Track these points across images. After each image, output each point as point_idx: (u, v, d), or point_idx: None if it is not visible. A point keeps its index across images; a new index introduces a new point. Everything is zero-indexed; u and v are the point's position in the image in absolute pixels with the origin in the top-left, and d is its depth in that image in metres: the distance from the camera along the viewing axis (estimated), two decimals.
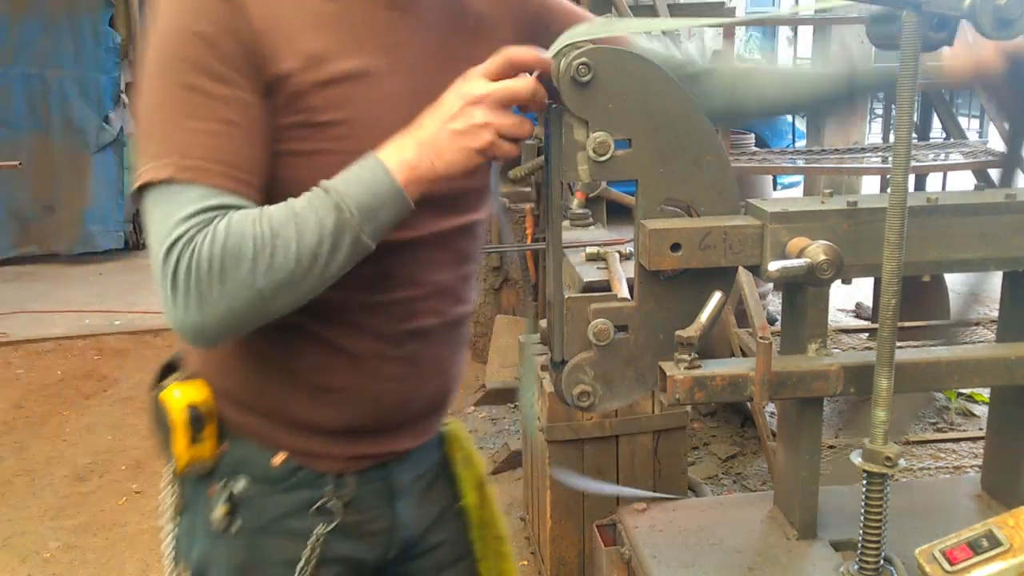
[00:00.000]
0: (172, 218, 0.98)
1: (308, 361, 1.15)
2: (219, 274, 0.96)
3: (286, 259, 0.97)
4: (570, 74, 0.98)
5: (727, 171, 1.08)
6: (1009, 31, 0.89)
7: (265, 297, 0.98)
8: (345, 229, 0.99)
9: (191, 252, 0.96)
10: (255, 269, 0.97)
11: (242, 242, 0.96)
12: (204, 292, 0.96)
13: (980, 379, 1.13)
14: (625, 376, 1.10)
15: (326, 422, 1.18)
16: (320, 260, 0.99)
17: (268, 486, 1.19)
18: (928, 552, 0.99)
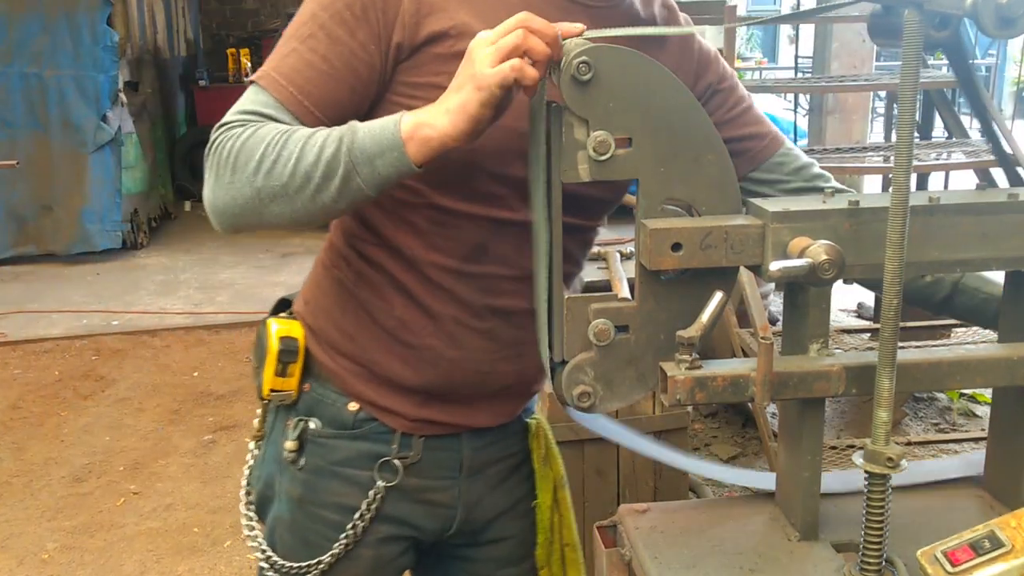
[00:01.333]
0: (235, 109, 1.12)
1: (394, 313, 1.22)
2: (232, 164, 1.07)
3: (283, 170, 1.05)
4: (570, 72, 0.97)
5: (728, 170, 1.07)
6: (1011, 30, 0.88)
7: (261, 198, 1.06)
8: (339, 164, 1.04)
9: (224, 139, 1.08)
10: (258, 170, 1.06)
11: (258, 144, 1.06)
12: (220, 175, 1.08)
13: (982, 380, 1.12)
14: (626, 376, 1.09)
15: (401, 377, 1.24)
16: (311, 184, 1.05)
17: (339, 431, 1.26)
18: (930, 553, 0.99)
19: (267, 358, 1.26)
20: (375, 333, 1.24)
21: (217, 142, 1.09)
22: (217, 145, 1.08)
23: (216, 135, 1.09)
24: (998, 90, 12.68)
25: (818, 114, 6.86)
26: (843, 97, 6.55)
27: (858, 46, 6.41)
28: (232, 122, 1.10)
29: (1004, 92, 13.41)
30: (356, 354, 1.25)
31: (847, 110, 6.69)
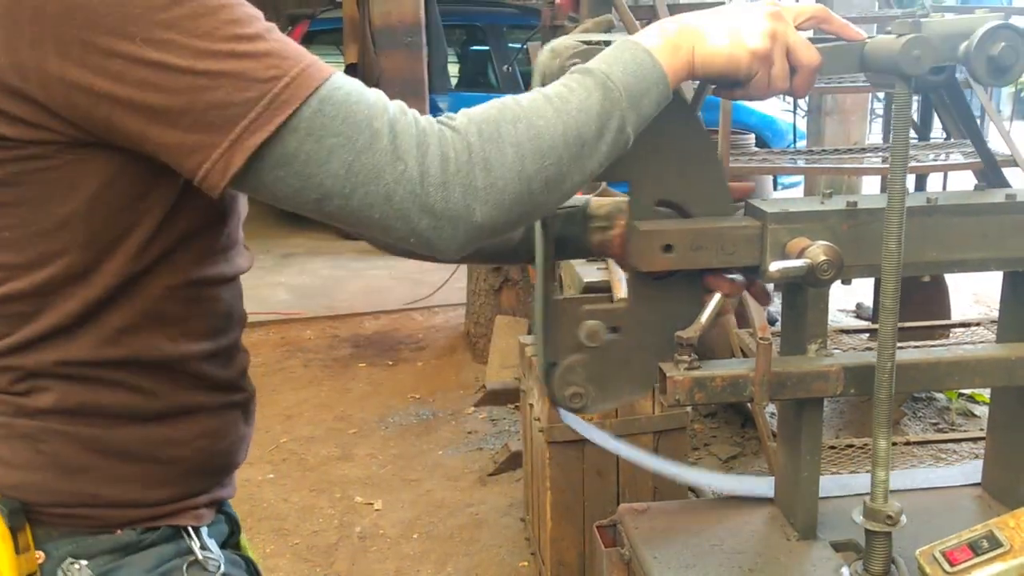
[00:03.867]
0: (384, 103, 0.81)
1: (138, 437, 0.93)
2: (481, 164, 0.82)
3: (551, 142, 0.85)
4: (564, 74, 0.98)
5: (720, 172, 1.07)
6: (1005, 78, 0.91)
7: (532, 189, 0.84)
8: (613, 112, 0.87)
9: (434, 139, 0.81)
10: (520, 155, 0.83)
11: (501, 126, 0.83)
12: (468, 186, 0.81)
13: (981, 380, 1.13)
14: (617, 377, 1.09)
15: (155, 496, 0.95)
16: (585, 147, 0.87)
17: (117, 555, 0.92)
18: (929, 553, 0.99)
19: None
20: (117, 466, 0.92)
21: (425, 148, 0.80)
22: (432, 153, 0.80)
23: (406, 140, 0.80)
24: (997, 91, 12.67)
25: (817, 115, 6.86)
26: (841, 98, 6.55)
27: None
28: (417, 122, 0.82)
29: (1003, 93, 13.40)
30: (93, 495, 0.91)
31: (845, 111, 6.69)
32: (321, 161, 0.77)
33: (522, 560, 2.94)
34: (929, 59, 0.90)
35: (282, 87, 0.76)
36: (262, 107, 0.75)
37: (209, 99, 0.75)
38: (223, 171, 0.77)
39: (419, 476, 3.54)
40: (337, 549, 3.06)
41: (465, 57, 8.00)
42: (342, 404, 4.22)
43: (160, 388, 0.92)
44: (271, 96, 0.76)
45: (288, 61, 0.77)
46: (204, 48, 0.75)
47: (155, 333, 0.90)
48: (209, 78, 0.75)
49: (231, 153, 0.76)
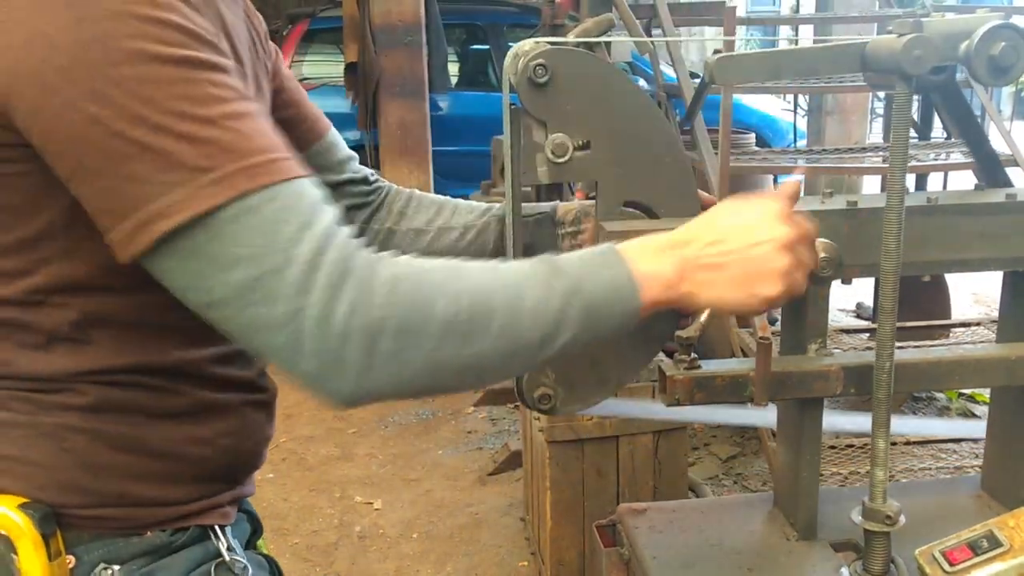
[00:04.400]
0: (323, 230, 0.75)
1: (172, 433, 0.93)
2: (394, 333, 0.75)
3: (484, 338, 0.78)
4: (527, 75, 0.97)
5: (687, 173, 1.07)
6: (1005, 78, 0.90)
7: (441, 370, 0.78)
8: (563, 332, 0.81)
9: (361, 286, 0.74)
10: (443, 335, 0.76)
11: (435, 298, 0.76)
12: (372, 352, 0.74)
13: (980, 379, 1.13)
14: (587, 379, 1.08)
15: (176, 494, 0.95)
16: (518, 355, 0.80)
17: (149, 559, 0.92)
18: (928, 553, 0.99)
19: (23, 551, 0.83)
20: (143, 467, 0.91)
21: (339, 292, 0.73)
22: (345, 299, 0.73)
23: (322, 277, 0.73)
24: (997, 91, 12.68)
25: (817, 115, 6.87)
26: (842, 98, 6.56)
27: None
28: (328, 253, 0.74)
29: (1003, 93, 13.40)
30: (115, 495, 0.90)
31: (846, 111, 6.70)
32: (221, 268, 0.72)
33: (522, 560, 2.94)
34: (930, 59, 0.90)
35: (208, 182, 0.71)
36: (179, 195, 0.71)
37: (129, 170, 0.71)
38: (125, 247, 0.74)
39: (419, 476, 3.54)
40: (337, 549, 3.06)
41: (465, 56, 8.00)
42: None
43: (181, 387, 0.91)
44: (193, 187, 0.71)
45: (229, 155, 0.72)
46: (142, 116, 0.70)
47: (162, 341, 0.89)
48: (137, 147, 0.71)
49: (136, 232, 0.73)
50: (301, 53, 7.17)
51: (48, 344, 0.85)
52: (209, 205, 0.71)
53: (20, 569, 0.83)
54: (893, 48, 0.91)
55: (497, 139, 4.63)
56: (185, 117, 0.72)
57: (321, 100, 7.48)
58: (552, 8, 3.62)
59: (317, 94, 7.11)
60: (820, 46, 0.97)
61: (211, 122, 0.72)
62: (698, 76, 3.52)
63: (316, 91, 7.10)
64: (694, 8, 4.42)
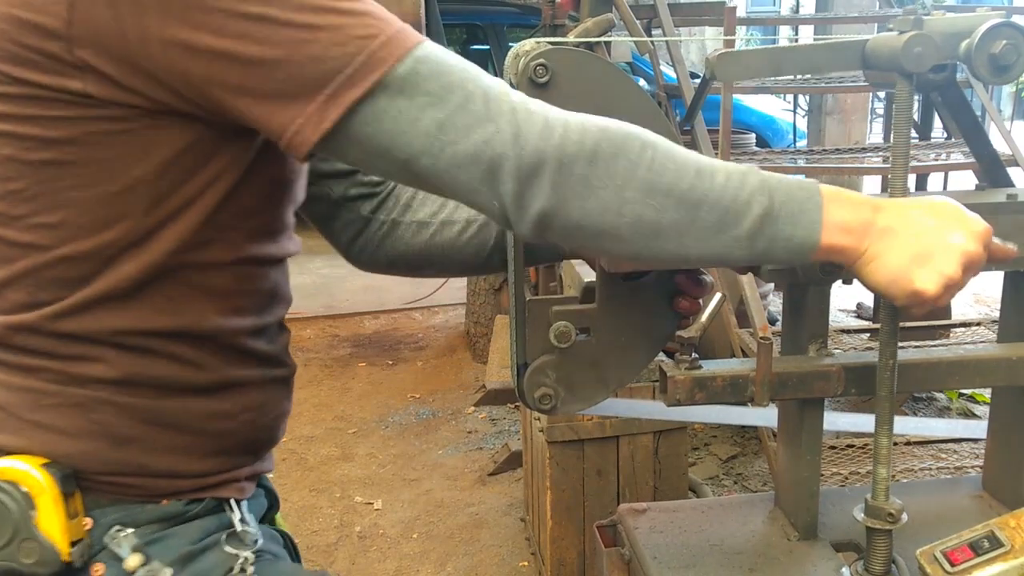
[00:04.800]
0: (478, 73, 0.81)
1: (197, 410, 0.95)
2: (605, 167, 0.79)
3: (669, 189, 0.80)
4: (528, 75, 0.97)
5: None
6: (1006, 76, 0.90)
7: (623, 216, 0.79)
8: (747, 215, 0.81)
9: (546, 115, 0.80)
10: (630, 175, 0.79)
11: (625, 139, 0.80)
12: (587, 179, 0.78)
13: (981, 380, 1.13)
14: (587, 379, 1.09)
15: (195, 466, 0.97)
16: (697, 222, 0.81)
17: (163, 525, 0.94)
18: (929, 553, 0.99)
19: (43, 507, 0.86)
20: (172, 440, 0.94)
21: (524, 114, 0.79)
22: (533, 120, 0.79)
23: (500, 104, 0.79)
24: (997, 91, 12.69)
25: (817, 115, 6.86)
26: (842, 98, 6.55)
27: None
28: (496, 88, 0.81)
29: (1003, 93, 13.41)
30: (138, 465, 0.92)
31: (846, 111, 6.70)
32: (412, 119, 0.77)
33: (522, 560, 2.94)
34: (931, 56, 0.90)
35: (379, 45, 0.77)
36: (359, 63, 0.76)
37: (307, 52, 0.75)
38: (315, 127, 0.77)
39: (419, 476, 3.54)
40: (337, 549, 3.06)
41: (465, 56, 7.96)
42: (342, 404, 4.22)
43: (209, 361, 0.94)
44: (368, 53, 0.76)
45: (384, 22, 0.78)
46: (303, 2, 0.75)
47: (206, 305, 0.92)
48: (308, 31, 0.75)
49: (325, 108, 0.76)
50: None
51: (97, 301, 0.87)
52: (387, 66, 0.77)
53: (39, 525, 0.86)
54: (894, 46, 0.91)
55: None
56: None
57: None
58: (552, 8, 3.61)
59: None
60: (821, 43, 0.97)
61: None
62: (698, 76, 3.52)
63: None
64: (694, 8, 4.42)
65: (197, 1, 0.75)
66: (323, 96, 0.76)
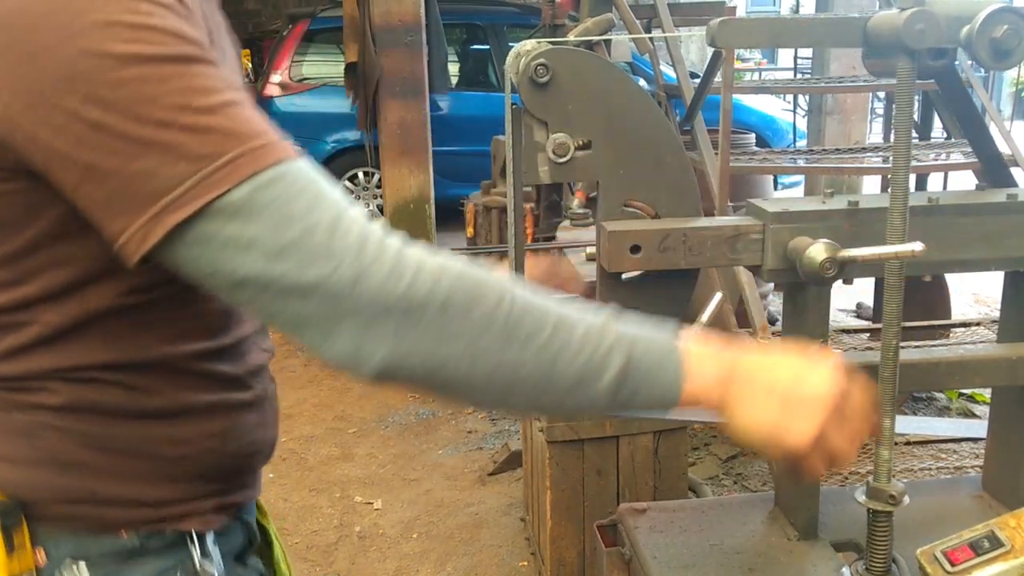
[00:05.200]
0: (337, 201, 0.75)
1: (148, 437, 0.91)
2: (446, 313, 0.74)
3: (534, 343, 0.76)
4: (528, 75, 0.97)
5: (688, 172, 1.07)
6: (1007, 61, 0.90)
7: (490, 372, 0.77)
8: (623, 381, 0.79)
9: (400, 258, 0.74)
10: (484, 324, 0.75)
11: (481, 288, 0.76)
12: (420, 321, 0.74)
13: (981, 379, 1.13)
14: None
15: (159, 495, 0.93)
16: (561, 385, 0.78)
17: (118, 559, 0.90)
18: (929, 553, 0.99)
19: None
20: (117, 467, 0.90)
21: (375, 253, 0.73)
22: (384, 261, 0.73)
23: (347, 239, 0.73)
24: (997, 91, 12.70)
25: (817, 115, 6.86)
26: (842, 98, 6.55)
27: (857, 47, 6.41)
28: (353, 220, 0.75)
29: (1003, 93, 13.41)
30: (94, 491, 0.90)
31: (846, 111, 6.69)
32: (242, 247, 0.73)
33: (522, 560, 2.94)
34: (932, 35, 0.89)
35: (215, 167, 0.72)
36: (189, 185, 0.72)
37: (138, 167, 0.72)
38: (138, 244, 0.74)
39: (419, 476, 3.54)
40: (337, 549, 3.06)
41: (465, 56, 8.00)
42: (342, 403, 4.22)
43: (159, 386, 0.90)
44: (200, 176, 0.72)
45: (232, 140, 0.73)
46: (144, 114, 0.72)
47: (147, 336, 0.88)
48: (141, 145, 0.72)
49: (149, 226, 0.73)
50: (301, 53, 7.17)
51: (30, 346, 0.85)
52: (220, 190, 0.72)
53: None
54: (895, 22, 0.90)
55: (497, 139, 4.63)
56: (186, 110, 0.73)
57: (321, 100, 7.44)
58: (552, 8, 3.61)
59: (317, 94, 7.12)
60: (823, 17, 0.97)
61: (210, 111, 0.74)
62: (698, 76, 3.52)
63: (316, 91, 7.11)
64: (694, 8, 4.42)
65: (41, 92, 0.72)
66: (148, 214, 0.73)
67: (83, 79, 0.72)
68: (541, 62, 0.97)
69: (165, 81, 0.73)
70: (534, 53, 0.98)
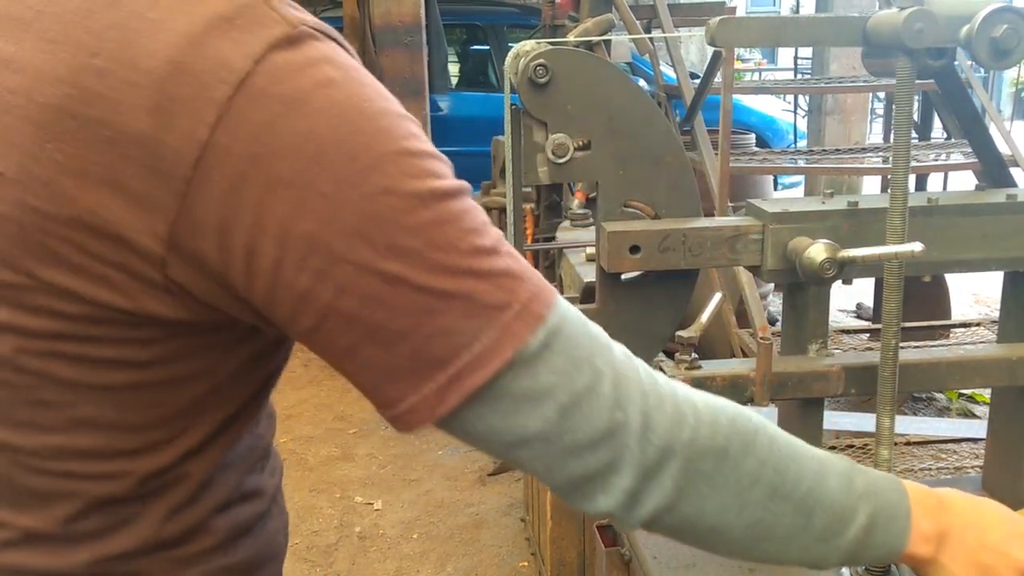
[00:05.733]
0: (604, 338, 0.69)
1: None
2: (736, 458, 0.70)
3: (788, 500, 0.72)
4: (528, 75, 0.97)
5: (687, 173, 1.07)
6: (1006, 60, 0.90)
7: (749, 532, 0.73)
8: (867, 535, 0.75)
9: (674, 398, 0.69)
10: (763, 474, 0.71)
11: (753, 436, 0.72)
12: (707, 472, 0.69)
13: (981, 380, 1.13)
14: None
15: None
16: (808, 531, 0.74)
17: None
18: None
19: None
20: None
21: (655, 399, 0.68)
22: (664, 408, 0.68)
23: (629, 385, 0.67)
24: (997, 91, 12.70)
25: (817, 115, 6.86)
26: (842, 98, 6.56)
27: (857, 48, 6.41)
28: (622, 361, 0.68)
29: (1003, 93, 13.41)
30: None
31: (846, 111, 6.70)
32: (535, 400, 0.64)
33: (522, 560, 2.94)
34: (931, 34, 0.89)
35: (512, 316, 0.63)
36: (489, 339, 0.62)
37: (436, 324, 0.61)
38: (430, 411, 0.64)
39: (419, 476, 3.54)
40: (337, 549, 3.06)
41: (465, 56, 8.00)
42: (342, 404, 4.22)
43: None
44: (500, 327, 0.62)
45: (519, 282, 0.64)
46: (443, 263, 0.61)
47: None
48: (442, 300, 0.61)
49: (445, 392, 0.63)
50: None
51: (191, 499, 0.75)
52: (521, 342, 0.63)
53: None
54: (895, 21, 0.90)
55: (497, 139, 4.63)
56: (479, 252, 0.63)
57: None
58: (552, 8, 3.61)
59: None
60: (823, 16, 0.97)
61: (496, 251, 0.64)
62: (698, 76, 3.52)
63: None
64: (694, 8, 4.42)
65: (325, 247, 0.59)
66: (445, 377, 0.62)
67: (377, 224, 0.59)
68: (541, 63, 0.97)
69: (457, 220, 0.62)
70: (534, 53, 0.98)
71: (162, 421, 0.70)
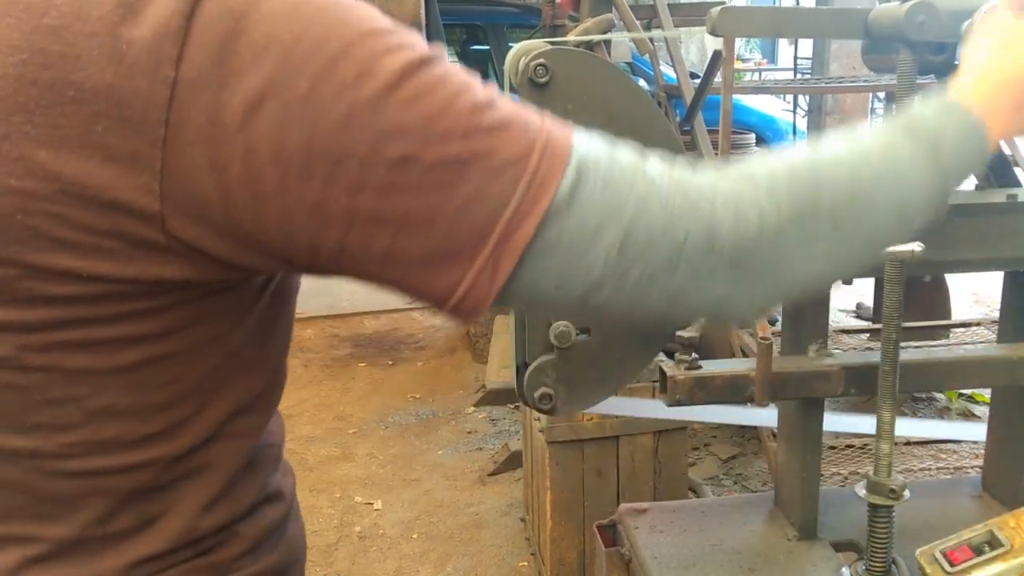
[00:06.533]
0: (635, 157, 0.64)
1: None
2: (795, 216, 0.66)
3: (874, 210, 0.69)
4: (528, 75, 0.97)
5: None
6: None
7: (844, 252, 0.69)
8: (934, 195, 0.72)
9: (732, 189, 0.65)
10: (837, 215, 0.67)
11: (818, 187, 0.67)
12: (779, 231, 0.65)
13: (981, 379, 1.13)
14: (587, 378, 1.09)
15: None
16: (903, 220, 0.71)
17: None
18: (929, 553, 0.99)
19: None
20: None
21: (711, 199, 0.64)
22: (725, 202, 0.64)
23: (682, 196, 0.63)
24: None
25: (817, 115, 6.87)
26: (842, 98, 6.56)
27: (857, 47, 6.42)
28: (665, 173, 0.64)
29: None
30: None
31: (846, 111, 6.70)
32: (589, 238, 0.61)
33: (522, 560, 2.94)
34: (933, 27, 0.89)
35: (537, 160, 0.60)
36: (521, 193, 0.59)
37: (462, 194, 0.58)
38: (489, 282, 0.60)
39: (419, 476, 3.54)
40: (337, 549, 3.06)
41: (465, 56, 8.00)
42: (342, 404, 4.22)
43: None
44: (528, 177, 0.59)
45: (531, 126, 0.61)
46: (445, 129, 0.58)
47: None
48: (457, 167, 0.58)
49: (496, 259, 0.60)
50: None
51: (220, 496, 0.74)
52: (554, 184, 0.60)
53: None
54: (896, 14, 0.90)
55: None
56: (476, 109, 0.60)
57: None
58: (552, 8, 3.62)
59: None
60: (824, 8, 0.97)
61: (492, 104, 0.61)
62: (698, 76, 3.52)
63: None
64: (694, 8, 4.42)
65: (323, 150, 0.56)
66: (490, 245, 0.59)
67: (368, 110, 0.57)
68: (540, 62, 0.97)
69: (444, 83, 0.59)
70: (533, 53, 0.98)
71: (182, 396, 0.67)
